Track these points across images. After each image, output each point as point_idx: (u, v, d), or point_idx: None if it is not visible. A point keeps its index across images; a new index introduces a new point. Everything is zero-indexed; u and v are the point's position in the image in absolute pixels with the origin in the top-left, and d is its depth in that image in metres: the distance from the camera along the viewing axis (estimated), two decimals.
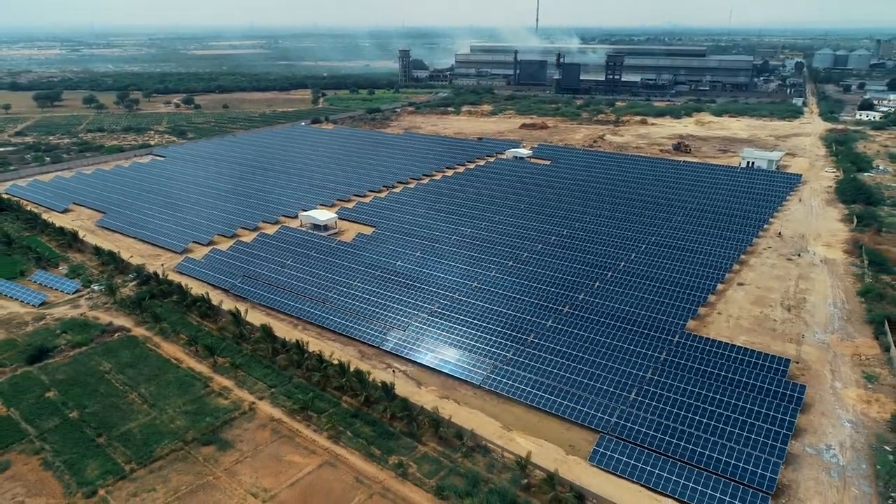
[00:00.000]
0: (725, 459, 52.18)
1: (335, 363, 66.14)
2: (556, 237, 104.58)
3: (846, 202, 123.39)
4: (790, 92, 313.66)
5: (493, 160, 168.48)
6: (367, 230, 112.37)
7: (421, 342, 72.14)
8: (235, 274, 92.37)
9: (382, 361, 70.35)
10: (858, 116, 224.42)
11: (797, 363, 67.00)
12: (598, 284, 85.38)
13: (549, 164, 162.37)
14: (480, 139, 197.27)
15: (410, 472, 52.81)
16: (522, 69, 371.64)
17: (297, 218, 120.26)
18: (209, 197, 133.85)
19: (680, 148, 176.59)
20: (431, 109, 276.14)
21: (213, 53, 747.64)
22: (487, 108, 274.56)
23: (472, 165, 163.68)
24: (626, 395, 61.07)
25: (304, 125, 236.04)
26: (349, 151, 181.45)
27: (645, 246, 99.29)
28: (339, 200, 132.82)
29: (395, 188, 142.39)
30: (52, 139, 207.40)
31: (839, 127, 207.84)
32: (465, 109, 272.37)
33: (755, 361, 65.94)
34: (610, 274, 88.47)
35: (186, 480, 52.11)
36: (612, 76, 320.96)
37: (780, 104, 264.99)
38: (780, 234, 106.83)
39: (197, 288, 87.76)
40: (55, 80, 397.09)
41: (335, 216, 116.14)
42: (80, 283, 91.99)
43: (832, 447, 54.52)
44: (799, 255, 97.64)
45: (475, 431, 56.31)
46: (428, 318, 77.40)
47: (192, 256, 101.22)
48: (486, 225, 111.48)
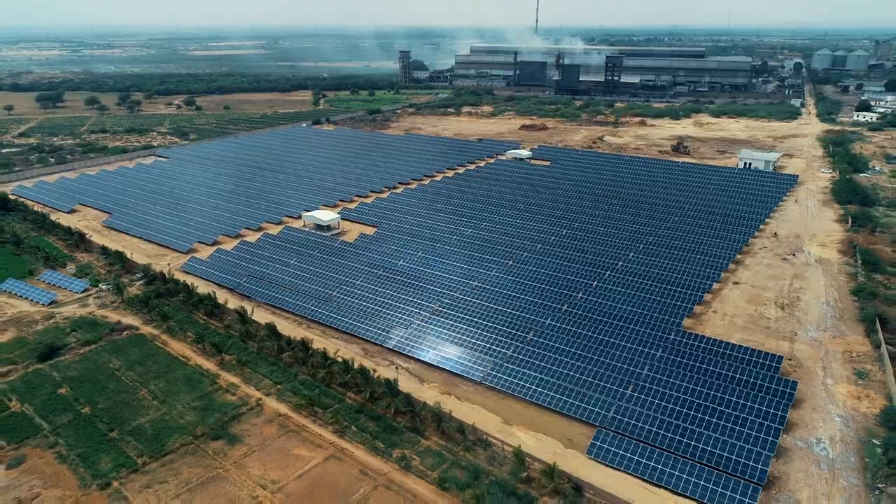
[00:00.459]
0: (718, 452, 53.96)
1: (339, 360, 67.95)
2: (555, 237, 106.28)
3: (842, 203, 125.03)
4: (789, 93, 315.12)
5: (493, 161, 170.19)
6: (369, 230, 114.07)
7: (423, 340, 73.87)
8: (240, 273, 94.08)
9: (385, 358, 72.10)
10: (856, 117, 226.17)
11: (790, 360, 68.74)
12: (596, 283, 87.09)
13: (548, 164, 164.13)
14: (481, 140, 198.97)
15: (414, 464, 54.55)
16: (522, 70, 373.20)
17: (300, 218, 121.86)
18: (213, 197, 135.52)
19: (679, 149, 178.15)
20: (432, 110, 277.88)
21: (213, 54, 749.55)
22: (487, 109, 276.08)
23: (472, 166, 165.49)
24: (622, 390, 62.78)
25: (305, 126, 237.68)
26: (350, 152, 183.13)
27: (643, 246, 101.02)
28: (341, 201, 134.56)
29: (396, 189, 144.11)
30: (55, 140, 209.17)
31: (836, 128, 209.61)
32: (465, 110, 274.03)
33: (749, 358, 67.74)
34: (608, 273, 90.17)
35: (197, 473, 53.90)
36: (611, 77, 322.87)
37: (778, 105, 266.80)
38: (775, 234, 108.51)
39: (203, 287, 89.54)
40: (56, 81, 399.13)
41: (338, 216, 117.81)
42: (88, 282, 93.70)
43: (822, 441, 56.25)
44: (794, 254, 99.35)
45: (476, 426, 58.11)
46: (430, 316, 79.12)
47: (197, 256, 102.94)
48: (486, 225, 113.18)
